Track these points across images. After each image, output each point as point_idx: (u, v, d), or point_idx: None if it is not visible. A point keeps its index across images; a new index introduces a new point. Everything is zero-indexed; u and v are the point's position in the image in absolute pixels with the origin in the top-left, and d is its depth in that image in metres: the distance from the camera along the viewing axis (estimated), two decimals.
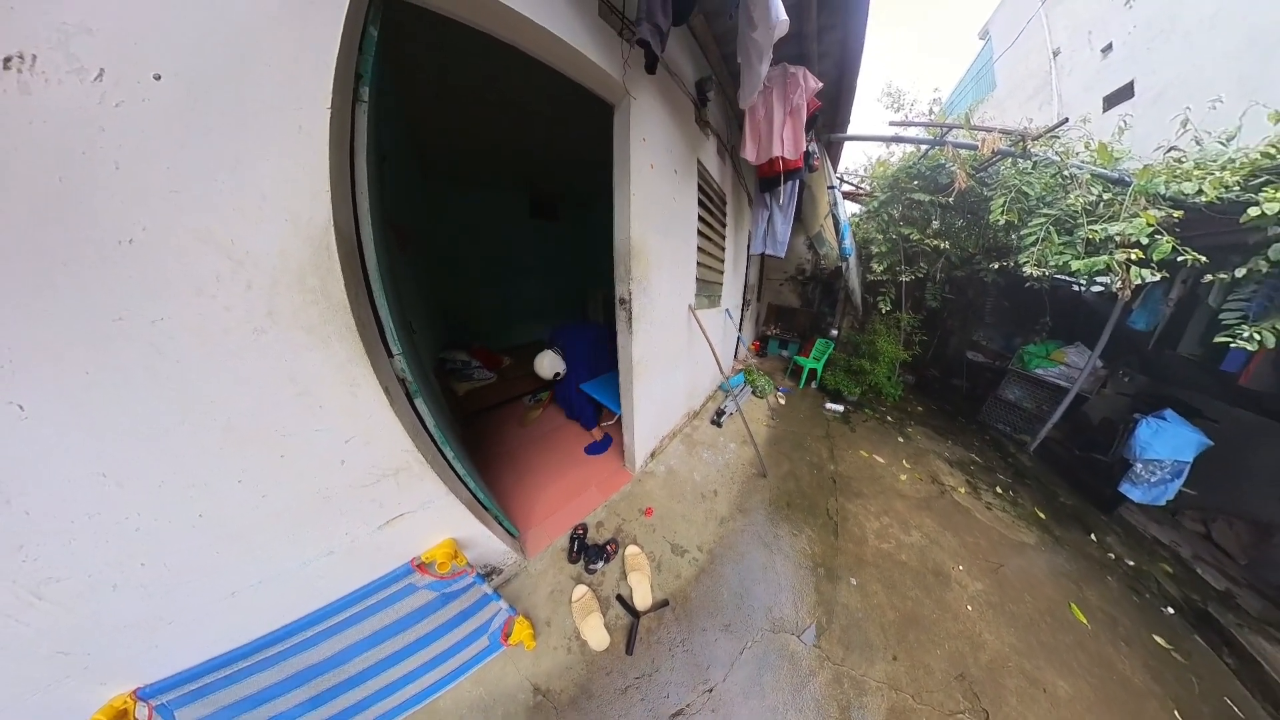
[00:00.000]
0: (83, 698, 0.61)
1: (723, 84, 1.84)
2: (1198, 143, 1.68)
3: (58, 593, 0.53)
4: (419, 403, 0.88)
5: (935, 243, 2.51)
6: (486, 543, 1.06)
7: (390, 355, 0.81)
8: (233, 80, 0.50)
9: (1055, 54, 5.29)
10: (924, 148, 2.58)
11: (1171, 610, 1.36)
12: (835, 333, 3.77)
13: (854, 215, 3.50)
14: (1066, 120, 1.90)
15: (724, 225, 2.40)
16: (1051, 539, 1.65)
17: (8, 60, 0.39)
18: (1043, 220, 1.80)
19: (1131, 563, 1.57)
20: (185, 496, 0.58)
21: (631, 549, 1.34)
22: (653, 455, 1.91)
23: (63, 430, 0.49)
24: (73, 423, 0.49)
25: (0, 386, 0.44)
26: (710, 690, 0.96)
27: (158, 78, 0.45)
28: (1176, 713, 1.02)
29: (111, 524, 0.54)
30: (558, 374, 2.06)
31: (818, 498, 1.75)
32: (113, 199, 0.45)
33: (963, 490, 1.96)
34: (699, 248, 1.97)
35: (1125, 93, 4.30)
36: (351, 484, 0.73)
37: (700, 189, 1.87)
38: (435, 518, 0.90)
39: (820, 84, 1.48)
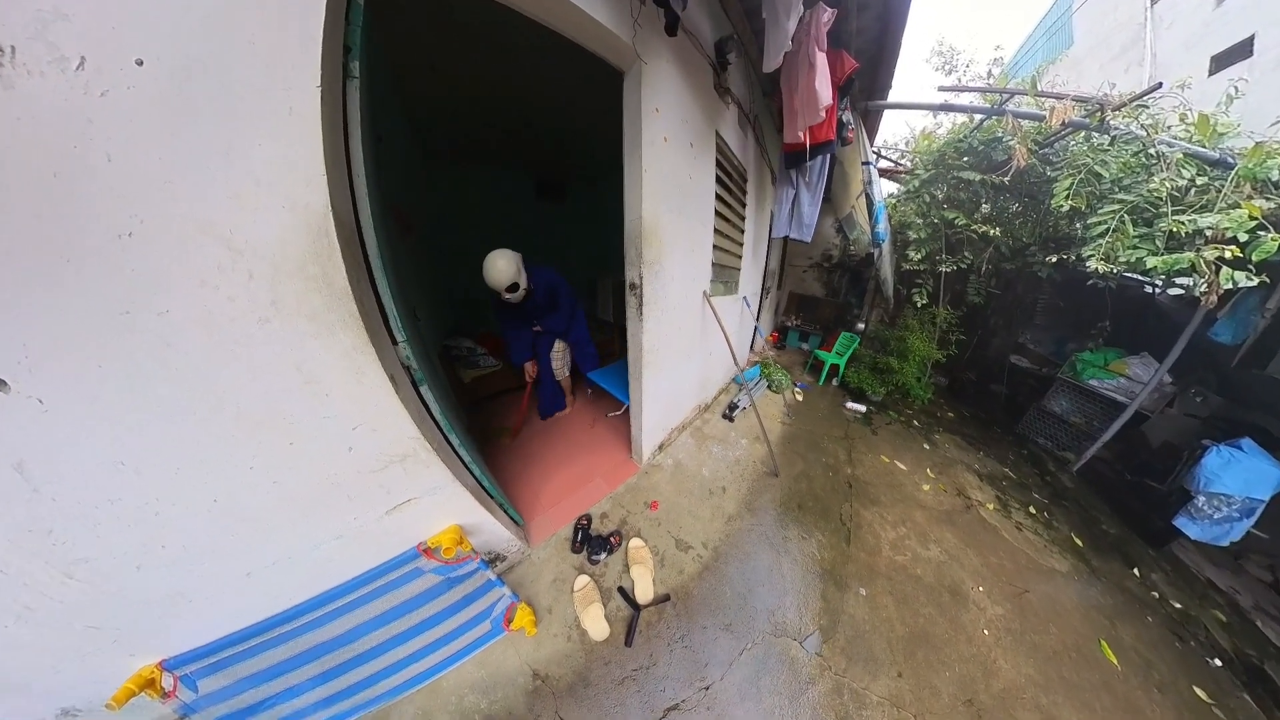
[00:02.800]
0: (115, 667, 0.67)
1: (745, 44, 1.69)
2: None
3: (87, 572, 0.58)
4: (424, 390, 0.89)
5: (984, 229, 2.27)
6: (491, 529, 1.08)
7: (394, 342, 0.82)
8: (216, 61, 0.48)
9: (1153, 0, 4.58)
10: (978, 118, 2.30)
11: (1219, 663, 1.26)
12: (862, 326, 3.61)
13: (891, 196, 3.28)
14: (1160, 85, 1.59)
15: (744, 205, 2.29)
16: (1087, 569, 1.55)
17: None
18: (1116, 207, 1.56)
19: (1178, 605, 1.45)
20: (200, 482, 0.61)
21: (635, 542, 1.35)
22: (661, 448, 1.89)
23: (81, 421, 0.52)
24: (90, 414, 0.52)
25: (21, 381, 0.47)
26: (707, 688, 0.97)
27: (140, 63, 0.44)
28: None
29: (132, 509, 0.58)
30: (518, 288, 1.53)
31: (831, 502, 1.71)
32: (108, 192, 0.45)
33: (991, 506, 1.86)
34: (716, 229, 1.90)
35: (1241, 51, 3.66)
36: (359, 470, 0.75)
37: (719, 164, 1.78)
38: (441, 504, 0.92)
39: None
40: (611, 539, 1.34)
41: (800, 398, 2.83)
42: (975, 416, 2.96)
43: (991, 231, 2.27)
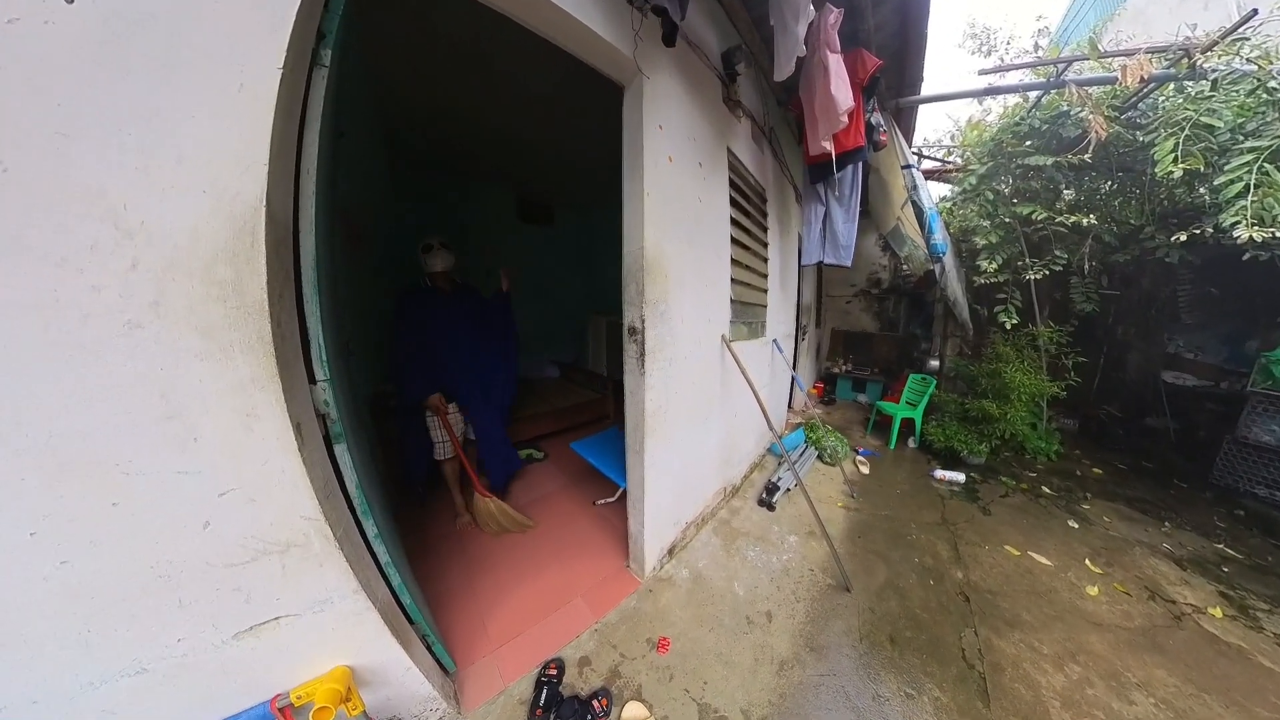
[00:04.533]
0: None
1: (754, 53, 1.98)
2: None
3: None
4: (340, 450, 0.88)
5: (1074, 219, 2.34)
6: (402, 679, 0.97)
7: (312, 381, 0.82)
8: (167, 17, 0.54)
9: None
10: (1034, 96, 2.50)
11: None
12: (936, 364, 3.65)
13: (943, 199, 3.52)
14: (1254, 13, 1.72)
15: (766, 229, 2.53)
16: None
17: None
18: (1250, 158, 1.58)
19: None
20: None
21: (634, 710, 1.18)
22: (671, 552, 1.80)
23: None
24: None
25: None
26: None
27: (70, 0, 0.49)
28: None
29: None
30: (452, 260, 1.80)
31: (943, 628, 1.50)
32: None
33: (1218, 612, 1.57)
34: (734, 259, 2.03)
35: None
36: (211, 560, 0.67)
37: (733, 184, 2.00)
38: (330, 629, 0.82)
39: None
40: (595, 702, 1.18)
41: (866, 469, 2.78)
42: (1136, 468, 2.73)
43: (1085, 220, 2.31)
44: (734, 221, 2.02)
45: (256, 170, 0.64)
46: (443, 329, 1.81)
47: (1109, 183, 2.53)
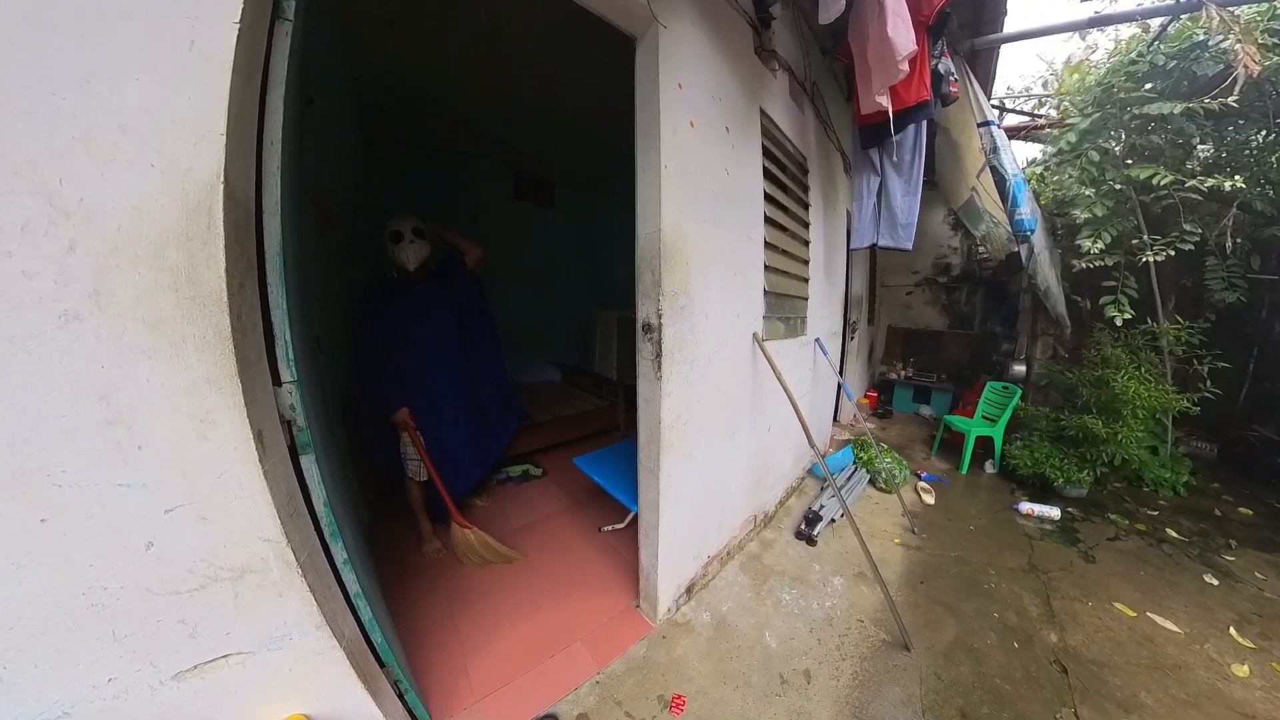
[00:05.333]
0: None
1: None
2: None
3: None
4: (307, 462, 0.89)
5: (1212, 182, 2.17)
6: None
7: (277, 383, 0.83)
8: None
9: None
10: (1156, 24, 2.37)
11: None
12: (1021, 369, 3.49)
13: (1032, 164, 3.38)
14: None
15: (807, 206, 2.48)
16: None
17: None
18: None
19: None
20: None
21: None
22: (689, 590, 1.77)
23: None
24: None
25: None
26: None
27: None
28: None
29: None
30: (422, 238, 1.83)
31: (1031, 705, 1.40)
32: None
33: None
34: (768, 243, 2.01)
35: None
36: (153, 587, 0.67)
37: (767, 153, 1.97)
38: (287, 670, 0.81)
39: None
40: None
41: (930, 498, 2.69)
42: None
43: (1227, 184, 2.13)
44: (769, 197, 2.00)
45: (212, 141, 0.65)
46: (412, 327, 1.84)
47: (1262, 133, 2.31)
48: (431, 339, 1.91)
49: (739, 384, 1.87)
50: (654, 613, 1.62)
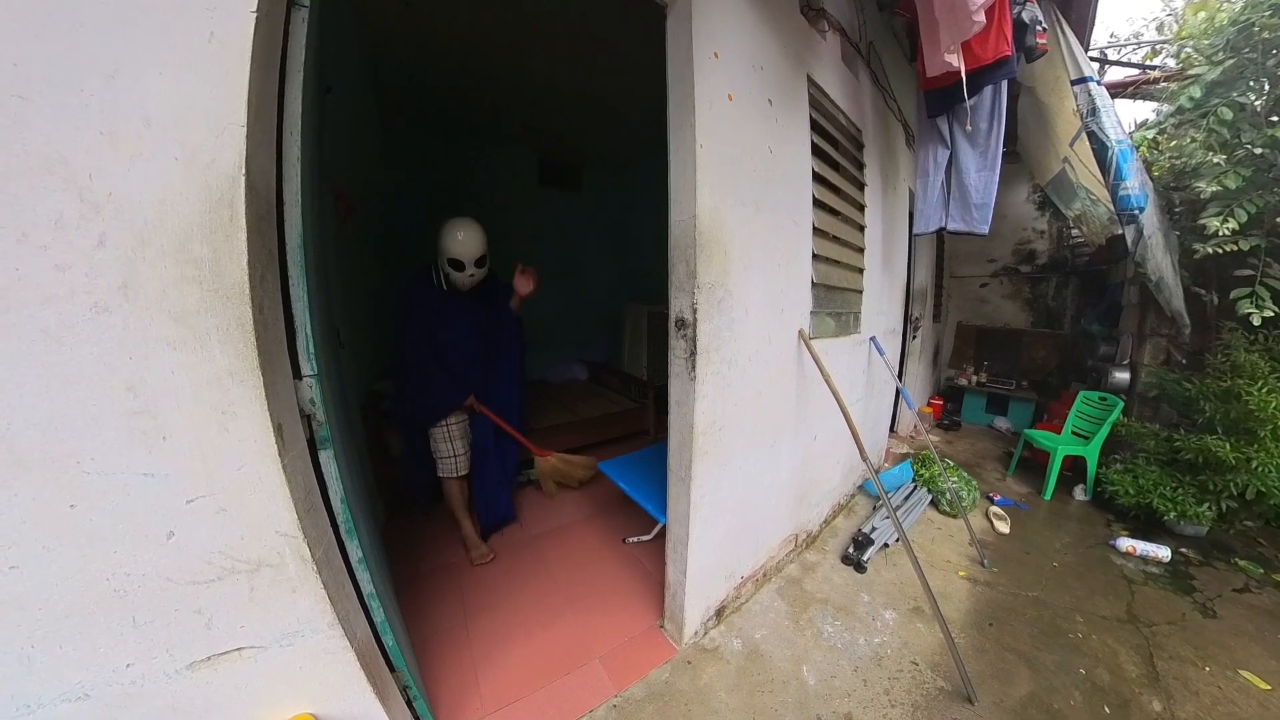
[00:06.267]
0: None
1: None
2: None
3: None
4: (325, 457, 0.92)
5: None
6: None
7: (298, 376, 0.87)
8: None
9: None
10: None
11: None
12: (1124, 376, 3.23)
13: (1142, 127, 3.13)
14: None
15: (862, 187, 2.41)
16: None
17: None
18: None
19: None
20: None
21: None
22: (719, 614, 1.76)
23: None
24: None
25: None
26: None
27: None
28: None
29: None
30: (486, 262, 1.90)
31: None
32: None
33: None
34: (816, 228, 1.96)
35: None
36: (172, 576, 0.72)
37: (816, 126, 1.92)
38: (297, 667, 0.85)
39: None
40: None
41: (1005, 526, 2.58)
42: None
43: None
44: (818, 177, 1.94)
45: (233, 133, 0.69)
46: (453, 339, 1.94)
47: None
48: (476, 352, 2.03)
49: (782, 387, 1.86)
50: (679, 635, 1.62)
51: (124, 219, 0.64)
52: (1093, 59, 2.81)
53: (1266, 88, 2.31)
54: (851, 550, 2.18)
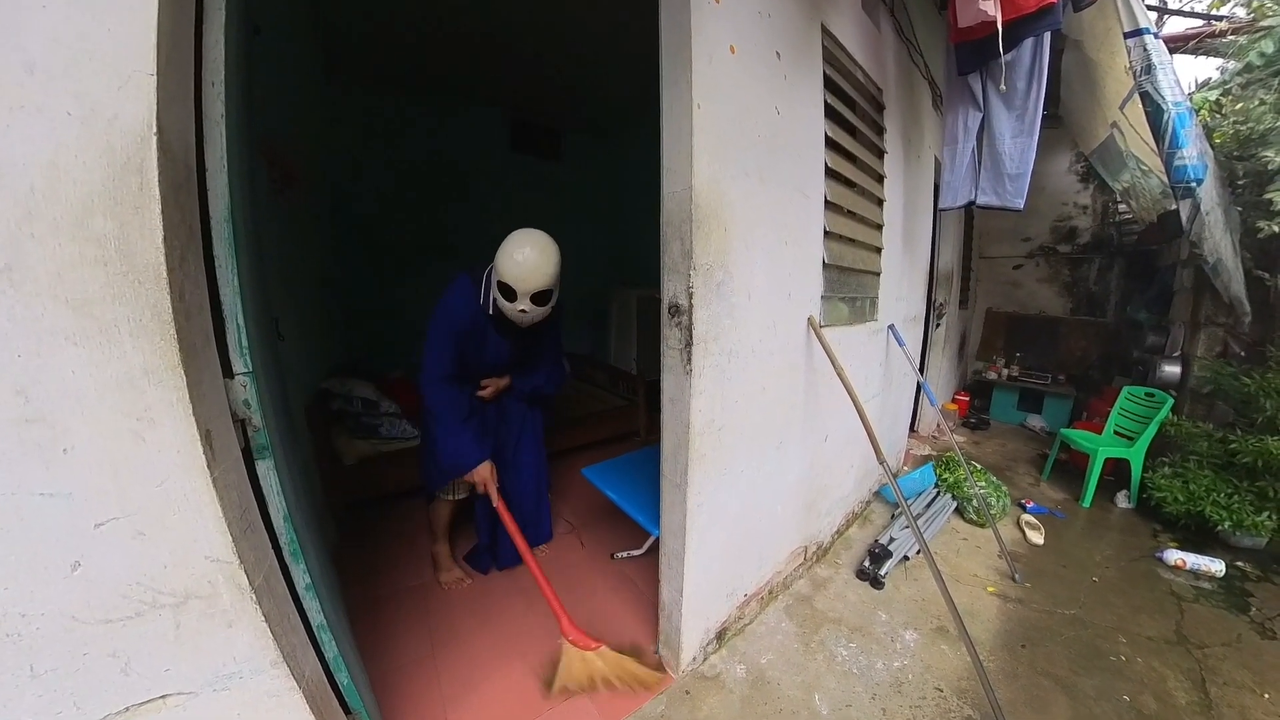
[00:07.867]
0: None
1: None
2: None
3: None
4: (264, 468, 0.91)
5: None
6: None
7: (229, 375, 0.86)
8: None
9: None
10: None
11: None
12: (1175, 370, 3.32)
13: (1204, 87, 3.13)
14: None
15: (882, 155, 2.41)
16: None
17: None
18: None
19: None
20: None
21: None
22: (720, 637, 1.79)
23: None
24: None
25: None
26: None
27: None
28: None
29: None
30: (549, 298, 1.71)
31: None
32: None
33: None
34: (829, 202, 1.97)
35: None
36: (79, 614, 0.70)
37: (830, 85, 1.91)
38: (234, 714, 0.84)
39: None
40: None
41: (1039, 537, 2.63)
42: None
43: None
44: (832, 143, 1.94)
45: (139, 82, 0.66)
46: (490, 361, 1.88)
47: None
48: (511, 380, 2.00)
49: (789, 381, 1.87)
50: (675, 661, 1.64)
51: (5, 187, 0.60)
52: (1150, 7, 2.80)
53: None
54: (867, 564, 2.21)
